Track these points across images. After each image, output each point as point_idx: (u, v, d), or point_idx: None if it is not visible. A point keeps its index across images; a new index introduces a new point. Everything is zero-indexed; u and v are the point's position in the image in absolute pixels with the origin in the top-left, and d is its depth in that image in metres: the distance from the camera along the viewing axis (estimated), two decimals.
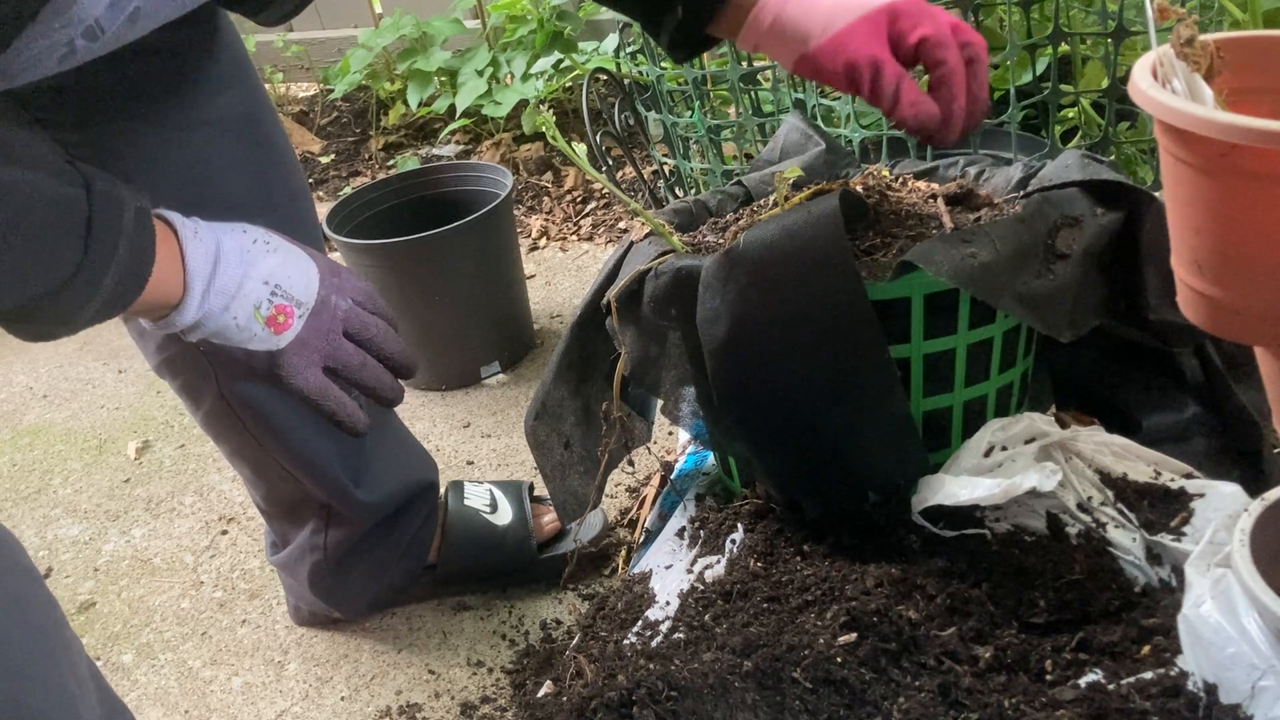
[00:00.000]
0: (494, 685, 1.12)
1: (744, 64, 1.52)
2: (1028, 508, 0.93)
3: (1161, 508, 0.89)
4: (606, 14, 2.44)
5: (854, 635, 0.81)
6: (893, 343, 0.91)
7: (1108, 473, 0.93)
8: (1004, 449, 0.92)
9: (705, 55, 1.60)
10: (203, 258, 0.75)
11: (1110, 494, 0.91)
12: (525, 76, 2.42)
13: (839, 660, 0.79)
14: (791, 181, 1.00)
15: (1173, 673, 0.75)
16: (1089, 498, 0.91)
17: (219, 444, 1.12)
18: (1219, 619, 0.72)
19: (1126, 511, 0.90)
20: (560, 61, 2.39)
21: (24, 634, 0.68)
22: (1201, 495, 0.88)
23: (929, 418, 0.97)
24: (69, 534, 1.52)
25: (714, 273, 0.89)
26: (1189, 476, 0.91)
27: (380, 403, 0.86)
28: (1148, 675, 0.76)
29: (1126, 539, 0.88)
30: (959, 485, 0.88)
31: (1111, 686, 0.76)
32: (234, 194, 0.94)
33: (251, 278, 0.77)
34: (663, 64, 1.56)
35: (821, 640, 0.81)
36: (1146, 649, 0.79)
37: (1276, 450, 1.00)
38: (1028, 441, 0.93)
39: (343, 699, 1.16)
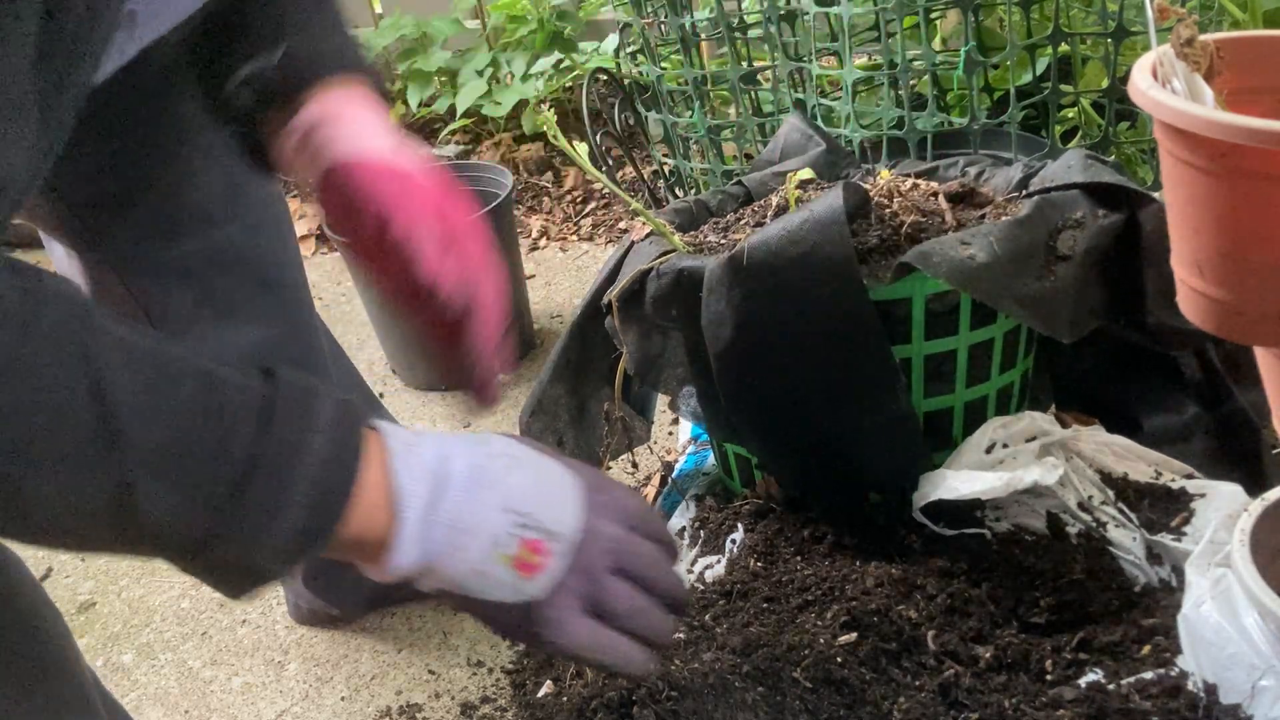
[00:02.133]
0: (494, 685, 1.12)
1: (744, 64, 1.51)
2: (1028, 507, 0.93)
3: (1162, 507, 0.89)
4: (607, 14, 2.44)
5: (854, 635, 0.81)
6: (895, 343, 0.91)
7: (1108, 472, 0.93)
8: (1005, 446, 0.92)
9: (705, 55, 1.60)
10: (419, 476, 0.58)
11: (1111, 494, 0.91)
12: (525, 76, 2.42)
13: (839, 660, 0.79)
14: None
15: (1173, 673, 0.75)
16: (1089, 497, 0.91)
17: None
18: (1219, 619, 0.72)
19: (1127, 511, 0.90)
20: (560, 61, 2.38)
21: (41, 646, 0.68)
22: (1202, 495, 0.88)
23: (930, 418, 0.97)
24: None
25: (718, 276, 0.89)
26: (1189, 477, 0.91)
27: (649, 648, 0.66)
28: (1148, 675, 0.76)
29: (1127, 539, 0.88)
30: (960, 479, 0.88)
31: (1111, 686, 0.76)
32: (208, 199, 0.90)
33: (488, 504, 0.59)
34: (663, 64, 1.56)
35: (821, 640, 0.81)
36: (1146, 649, 0.79)
37: (1276, 450, 1.00)
38: (1029, 440, 0.93)
39: (343, 699, 1.16)
